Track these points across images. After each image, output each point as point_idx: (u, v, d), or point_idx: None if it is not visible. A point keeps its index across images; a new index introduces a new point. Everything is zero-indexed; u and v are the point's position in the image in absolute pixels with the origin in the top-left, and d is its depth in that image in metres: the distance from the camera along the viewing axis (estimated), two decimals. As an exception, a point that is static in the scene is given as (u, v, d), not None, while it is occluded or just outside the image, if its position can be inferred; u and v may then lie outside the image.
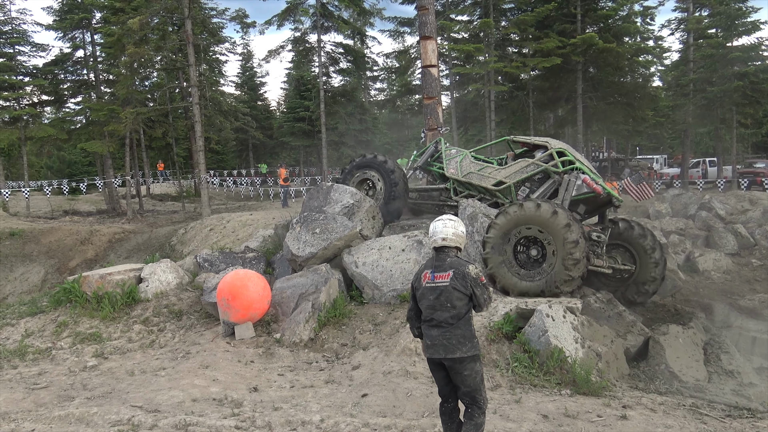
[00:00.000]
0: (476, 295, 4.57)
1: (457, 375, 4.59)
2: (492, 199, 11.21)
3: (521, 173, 10.64)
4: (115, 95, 27.30)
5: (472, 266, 4.65)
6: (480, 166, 11.36)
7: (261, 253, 12.01)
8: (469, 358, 4.56)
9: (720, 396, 7.63)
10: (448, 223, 4.80)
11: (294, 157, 55.65)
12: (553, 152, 10.30)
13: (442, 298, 4.58)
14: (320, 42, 33.08)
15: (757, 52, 30.67)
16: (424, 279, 4.73)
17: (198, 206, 27.79)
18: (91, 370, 8.24)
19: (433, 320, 4.62)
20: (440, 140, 12.48)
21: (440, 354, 4.57)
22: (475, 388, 4.60)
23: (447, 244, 4.74)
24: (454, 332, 4.55)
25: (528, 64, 28.05)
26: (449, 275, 4.58)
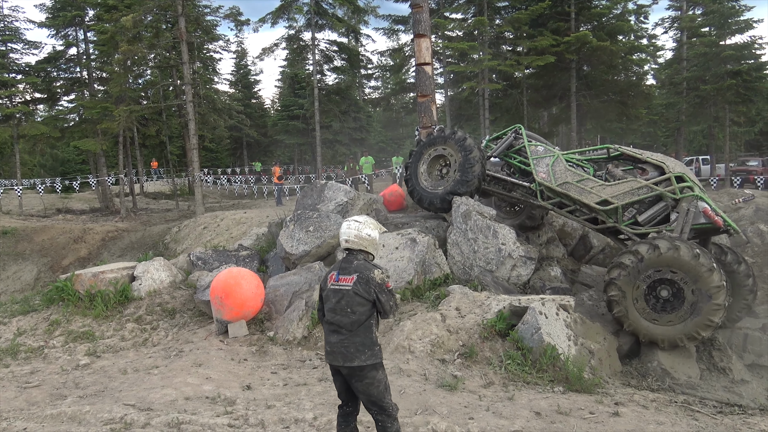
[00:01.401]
0: (381, 301, 4.38)
1: (356, 384, 4.43)
2: (589, 214, 10.33)
3: (632, 195, 9.70)
4: (109, 93, 27.13)
5: (378, 271, 4.44)
6: (578, 176, 10.24)
7: (255, 252, 12.00)
8: (369, 367, 4.38)
9: (712, 393, 7.67)
10: (351, 224, 4.58)
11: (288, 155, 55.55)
12: (672, 177, 9.44)
13: (343, 303, 4.40)
14: (314, 40, 33.00)
15: (750, 51, 30.77)
16: (330, 280, 4.56)
17: (192, 204, 27.71)
18: (83, 369, 8.22)
19: (333, 324, 4.46)
20: (521, 129, 11.58)
21: (338, 362, 4.41)
22: (379, 396, 4.42)
23: (350, 247, 4.55)
24: (353, 339, 4.38)
25: (522, 62, 28.06)
26: (353, 279, 4.40)
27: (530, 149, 11.03)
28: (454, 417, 5.86)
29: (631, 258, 8.47)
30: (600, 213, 10.00)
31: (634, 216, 9.79)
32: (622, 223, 9.81)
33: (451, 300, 8.72)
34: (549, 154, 10.81)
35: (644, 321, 8.45)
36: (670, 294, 8.42)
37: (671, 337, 8.26)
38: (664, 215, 9.55)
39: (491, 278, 9.93)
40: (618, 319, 8.59)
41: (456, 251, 10.52)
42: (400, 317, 8.71)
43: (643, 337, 8.45)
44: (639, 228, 9.67)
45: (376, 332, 4.52)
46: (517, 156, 11.38)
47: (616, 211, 9.79)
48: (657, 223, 9.59)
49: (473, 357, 7.48)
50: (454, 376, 7.02)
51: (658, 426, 5.75)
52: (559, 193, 10.42)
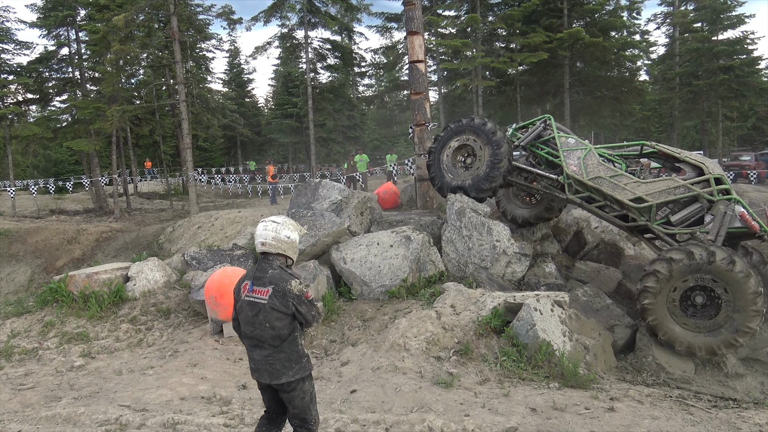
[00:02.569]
0: (301, 313, 4.07)
1: (284, 396, 4.21)
2: (619, 211, 10.03)
3: (668, 194, 9.48)
4: (101, 93, 27.03)
5: (296, 282, 4.07)
6: (612, 171, 9.97)
7: (249, 251, 11.97)
8: (298, 381, 4.15)
9: (706, 387, 7.70)
10: (269, 225, 4.18)
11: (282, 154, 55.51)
12: (711, 179, 9.23)
13: (261, 317, 4.06)
14: (307, 38, 32.97)
15: (742, 46, 30.94)
16: (243, 290, 4.19)
17: (186, 204, 27.65)
18: (78, 370, 8.19)
19: (253, 339, 4.15)
20: (550, 119, 11.16)
21: (265, 379, 4.16)
22: (303, 408, 4.22)
23: (267, 250, 4.17)
24: (278, 356, 4.10)
25: (515, 59, 28.10)
26: (268, 292, 4.04)
27: (560, 141, 10.72)
28: (449, 414, 5.87)
29: (665, 265, 8.25)
30: (632, 210, 9.77)
31: (666, 216, 9.56)
32: (654, 222, 9.60)
33: (446, 297, 8.72)
34: (581, 146, 10.54)
35: (679, 329, 8.25)
36: (705, 300, 8.23)
37: (708, 345, 8.06)
38: (698, 216, 9.34)
39: (486, 275, 9.94)
40: (652, 328, 8.37)
41: (451, 248, 10.52)
42: (395, 315, 8.72)
43: (678, 345, 8.19)
44: (671, 228, 9.48)
45: (301, 343, 4.23)
46: (545, 147, 11.05)
47: (650, 209, 9.60)
48: (690, 224, 9.38)
49: (469, 354, 7.49)
50: (450, 374, 7.02)
51: (653, 421, 5.77)
52: (590, 187, 10.16)
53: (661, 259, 8.36)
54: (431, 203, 13.53)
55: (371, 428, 5.62)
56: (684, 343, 8.17)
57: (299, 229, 4.33)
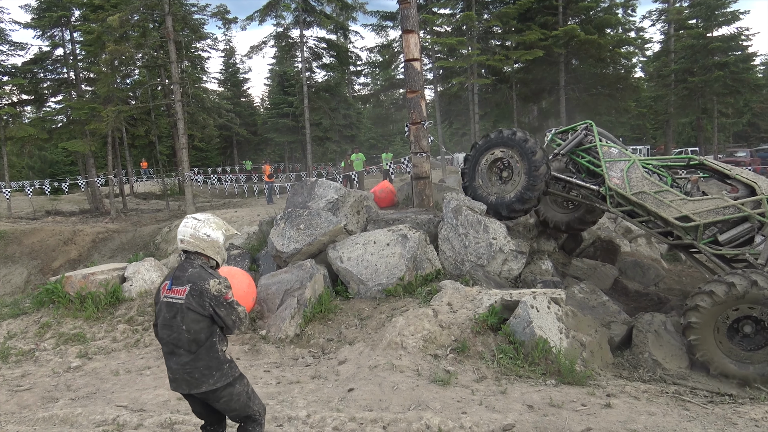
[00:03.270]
0: (220, 316, 3.80)
1: (217, 405, 3.96)
2: (664, 227, 9.60)
3: (716, 214, 9.03)
4: (96, 93, 27.01)
5: (215, 281, 3.81)
6: (657, 186, 9.50)
7: (245, 250, 11.97)
8: (222, 388, 3.88)
9: (702, 383, 7.72)
10: (189, 222, 3.96)
11: (278, 153, 55.51)
12: (763, 200, 8.77)
13: (178, 319, 3.76)
14: (303, 37, 32.97)
15: (736, 42, 31.05)
16: (163, 291, 3.90)
17: (182, 204, 27.63)
18: (75, 371, 8.18)
19: (169, 344, 3.84)
20: (592, 126, 10.71)
21: (184, 389, 3.86)
22: (241, 408, 4.00)
23: (185, 248, 3.94)
24: (196, 364, 3.79)
25: (511, 56, 28.15)
26: (185, 291, 3.76)
27: (602, 150, 10.21)
28: (447, 412, 5.87)
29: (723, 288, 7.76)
30: (678, 229, 9.36)
31: (714, 235, 9.13)
32: (702, 242, 9.18)
33: (443, 295, 8.73)
34: (624, 158, 10.01)
35: (732, 362, 7.81)
36: (753, 331, 7.81)
37: (746, 376, 7.66)
38: (747, 237, 8.94)
39: (482, 273, 9.95)
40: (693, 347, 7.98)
41: (447, 246, 10.53)
42: (392, 313, 8.73)
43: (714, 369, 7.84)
44: (719, 248, 9.09)
45: (223, 349, 3.95)
46: (586, 155, 10.60)
47: (697, 228, 9.19)
48: (740, 244, 8.99)
49: (465, 352, 7.50)
50: (447, 371, 7.03)
51: (649, 417, 5.79)
52: (633, 202, 9.71)
53: (720, 282, 7.88)
54: (427, 201, 13.53)
55: (369, 426, 5.63)
56: (720, 368, 7.82)
57: (224, 229, 4.08)
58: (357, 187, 24.37)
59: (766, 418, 5.84)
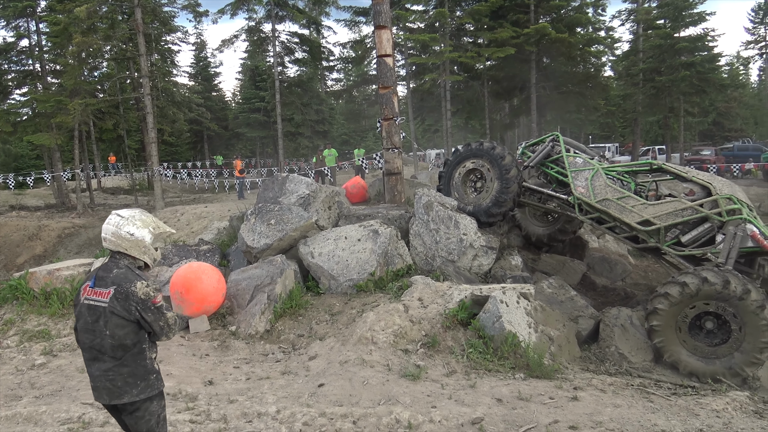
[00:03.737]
0: (147, 321, 3.51)
1: (127, 418, 3.63)
2: (630, 232, 9.94)
3: (675, 216, 9.39)
4: (63, 86, 26.38)
5: (141, 284, 3.52)
6: (619, 193, 9.88)
7: (216, 246, 11.87)
8: (143, 401, 3.58)
9: (667, 375, 7.89)
10: (112, 219, 3.62)
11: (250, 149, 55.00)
12: (719, 199, 9.08)
13: (101, 323, 3.46)
14: (275, 31, 32.74)
15: (703, 43, 31.60)
16: (83, 292, 3.57)
17: (151, 199, 27.21)
18: (39, 369, 8.02)
19: (91, 350, 3.52)
20: (558, 137, 11.09)
21: (104, 399, 3.54)
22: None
23: (108, 247, 3.63)
24: (120, 370, 3.49)
25: (483, 54, 28.30)
26: (109, 293, 3.46)
27: (568, 161, 10.62)
28: (417, 406, 5.90)
29: (677, 289, 8.08)
30: (641, 233, 9.71)
31: (677, 236, 9.47)
32: (665, 244, 9.51)
33: (414, 290, 8.76)
34: (588, 167, 10.39)
35: (688, 355, 8.09)
36: (715, 326, 8.07)
37: (713, 372, 7.86)
38: (709, 237, 9.21)
39: (453, 268, 10.02)
40: (659, 349, 8.25)
41: (418, 242, 10.57)
42: (363, 309, 8.74)
43: (683, 369, 8.02)
44: (682, 249, 9.38)
45: (152, 356, 3.66)
46: (555, 166, 10.98)
47: (658, 231, 9.52)
48: (701, 244, 9.28)
49: (436, 346, 7.54)
50: (417, 366, 7.07)
51: (615, 409, 5.89)
52: (598, 209, 10.07)
53: (674, 283, 8.19)
54: (399, 197, 13.56)
55: (339, 422, 5.63)
56: (689, 369, 8.00)
57: (152, 226, 3.72)
58: (329, 182, 24.31)
59: (726, 409, 6.00)
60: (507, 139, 39.80)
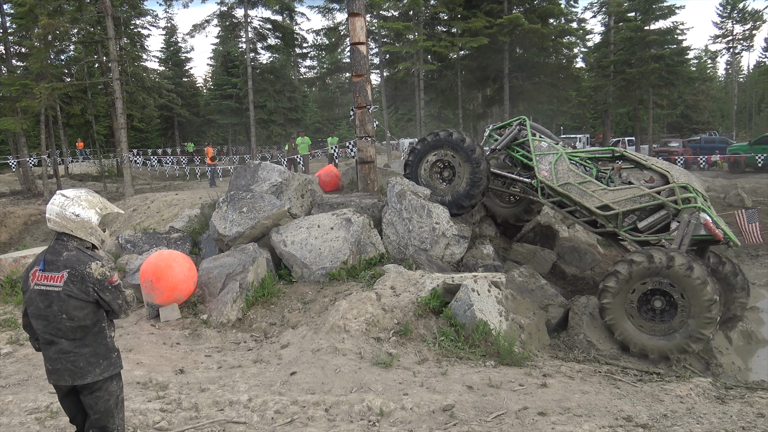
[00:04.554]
0: (105, 301, 3.50)
1: (86, 398, 3.60)
2: (589, 216, 10.17)
3: (633, 202, 9.59)
4: (29, 69, 25.78)
5: (96, 264, 3.47)
6: (581, 177, 10.06)
7: (187, 234, 11.75)
8: (105, 380, 3.58)
9: (633, 362, 8.06)
10: (56, 199, 3.52)
11: (222, 136, 54.46)
12: (675, 188, 9.31)
13: (55, 308, 3.41)
14: (247, 17, 32.30)
15: (672, 36, 32.09)
16: (32, 278, 3.48)
17: (120, 186, 26.82)
18: (5, 358, 7.87)
19: (47, 335, 3.48)
20: (525, 121, 11.22)
21: (66, 381, 3.50)
22: (107, 413, 3.64)
23: (53, 228, 3.53)
24: (81, 351, 3.48)
25: (456, 43, 28.36)
26: (63, 277, 3.40)
27: (533, 144, 10.75)
28: (388, 393, 5.95)
29: (626, 267, 8.37)
30: (600, 217, 9.92)
31: (634, 222, 9.72)
32: (622, 229, 9.74)
33: (387, 279, 8.80)
34: (552, 151, 10.55)
35: (637, 332, 8.34)
36: (664, 305, 8.33)
37: (662, 349, 8.14)
38: (664, 224, 9.47)
39: (426, 257, 10.07)
40: (609, 327, 8.48)
41: (391, 231, 10.60)
42: (335, 297, 8.74)
43: (633, 346, 8.27)
44: (638, 235, 9.62)
45: (111, 336, 3.66)
46: (521, 149, 11.10)
47: (616, 216, 9.75)
48: (657, 231, 9.51)
49: (408, 334, 7.59)
50: (389, 354, 7.11)
51: (582, 395, 6.01)
52: (560, 193, 10.26)
53: (623, 261, 8.49)
54: (372, 186, 13.55)
55: (311, 409, 5.64)
56: (638, 346, 8.24)
57: (99, 207, 3.62)
58: (302, 170, 24.19)
59: (690, 395, 6.15)
60: (480, 129, 40.01)
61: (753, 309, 12.15)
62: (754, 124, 58.74)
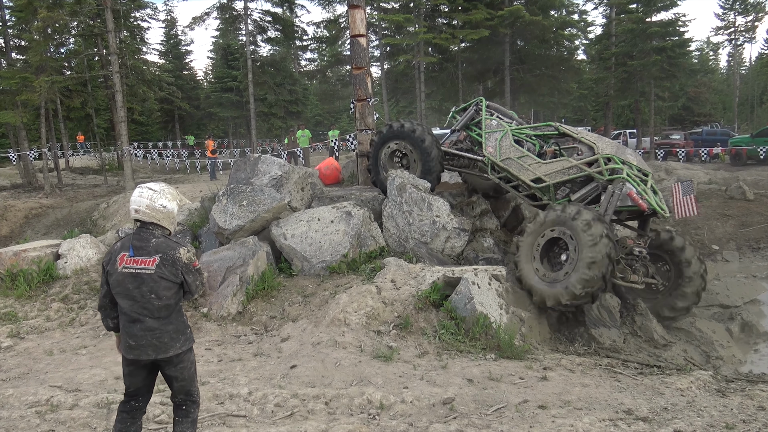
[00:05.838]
0: (188, 282, 3.96)
1: (170, 370, 4.01)
2: (529, 190, 10.35)
3: (562, 174, 9.82)
4: (28, 62, 25.69)
5: (184, 249, 3.96)
6: (520, 152, 10.32)
7: (187, 227, 11.73)
8: (185, 352, 4.03)
9: (633, 355, 8.04)
10: (144, 192, 3.95)
11: (222, 129, 54.39)
12: (600, 159, 9.47)
13: (145, 288, 3.83)
14: (247, 9, 32.20)
15: (674, 28, 31.88)
16: (120, 262, 3.89)
17: (121, 180, 26.79)
18: (5, 351, 7.89)
19: (133, 314, 3.87)
20: (482, 101, 11.53)
21: (149, 355, 3.88)
22: (190, 379, 4.12)
23: (140, 218, 3.94)
24: (165, 328, 3.90)
25: (457, 35, 28.25)
26: (155, 261, 3.84)
27: (485, 123, 11.03)
28: (389, 387, 5.95)
29: (544, 213, 8.97)
30: (535, 190, 10.15)
31: (567, 195, 9.89)
32: (556, 202, 9.84)
33: (387, 272, 8.79)
34: (500, 128, 10.80)
35: (537, 279, 8.52)
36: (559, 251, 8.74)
37: (555, 295, 8.15)
38: (595, 195, 9.55)
39: (426, 250, 10.06)
40: (518, 279, 8.83)
41: (391, 224, 10.58)
42: (336, 290, 8.74)
43: (535, 294, 8.44)
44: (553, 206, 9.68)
45: (185, 313, 4.17)
46: (477, 128, 11.35)
47: (549, 189, 9.94)
48: (589, 202, 9.52)
49: (408, 328, 7.59)
50: (390, 347, 7.11)
51: (583, 388, 6.01)
52: (502, 168, 10.51)
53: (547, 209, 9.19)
54: (373, 179, 13.54)
55: (311, 402, 5.65)
56: (536, 294, 8.41)
57: (178, 199, 4.14)
58: (302, 163, 24.16)
59: (690, 388, 6.14)
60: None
61: (754, 302, 12.13)
62: (756, 116, 58.55)
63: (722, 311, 11.44)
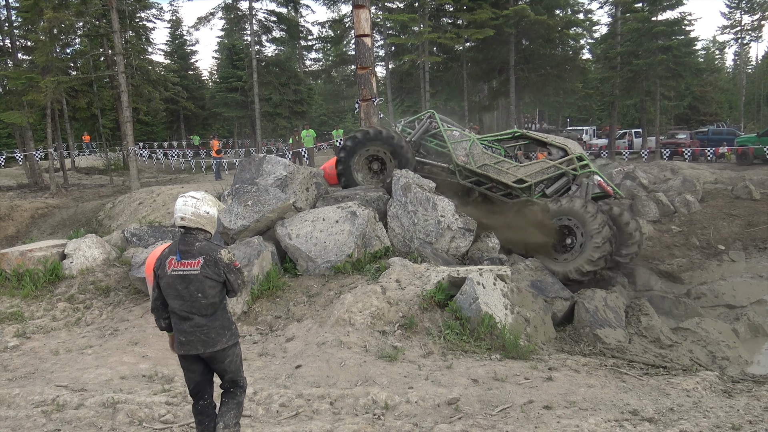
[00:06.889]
0: (230, 281, 4.24)
1: (219, 365, 4.32)
2: (504, 190, 11.97)
3: (543, 173, 11.74)
4: (34, 63, 25.76)
5: (225, 251, 4.25)
6: (495, 158, 11.88)
7: (192, 227, 11.74)
8: (231, 346, 4.31)
9: (639, 356, 8.02)
10: (188, 201, 4.27)
11: (227, 129, 54.43)
12: (573, 158, 11.65)
13: (192, 288, 4.14)
14: (252, 9, 32.26)
15: (680, 27, 31.73)
16: (169, 266, 4.21)
17: (126, 179, 26.84)
18: (12, 351, 7.92)
19: (182, 312, 4.19)
20: (434, 114, 12.73)
21: (198, 350, 4.19)
22: (236, 370, 4.41)
23: (186, 225, 4.25)
24: (212, 324, 4.21)
25: (462, 35, 28.20)
26: (199, 262, 4.14)
27: (446, 134, 12.24)
28: (394, 387, 5.95)
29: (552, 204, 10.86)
30: (516, 190, 11.76)
31: (542, 190, 11.77)
32: (534, 197, 11.60)
33: (392, 272, 8.78)
34: (465, 138, 12.16)
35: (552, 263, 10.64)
36: (572, 240, 10.71)
37: (564, 272, 10.34)
38: (565, 188, 11.65)
39: (431, 250, 10.05)
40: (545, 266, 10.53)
41: (396, 224, 10.58)
42: (341, 290, 8.74)
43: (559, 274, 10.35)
44: (548, 200, 11.36)
45: (229, 310, 4.44)
46: (434, 139, 12.61)
47: (530, 187, 11.69)
48: (561, 195, 11.51)
49: (413, 328, 7.58)
50: (394, 347, 7.11)
51: (588, 389, 5.99)
52: (479, 174, 11.92)
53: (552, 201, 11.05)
54: (377, 179, 13.53)
55: (316, 402, 5.65)
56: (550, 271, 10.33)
57: (218, 205, 4.44)
58: (307, 163, 24.16)
59: (696, 389, 6.12)
60: (485, 121, 39.87)
61: (760, 302, 12.09)
62: (763, 116, 58.31)
63: (728, 311, 11.42)
